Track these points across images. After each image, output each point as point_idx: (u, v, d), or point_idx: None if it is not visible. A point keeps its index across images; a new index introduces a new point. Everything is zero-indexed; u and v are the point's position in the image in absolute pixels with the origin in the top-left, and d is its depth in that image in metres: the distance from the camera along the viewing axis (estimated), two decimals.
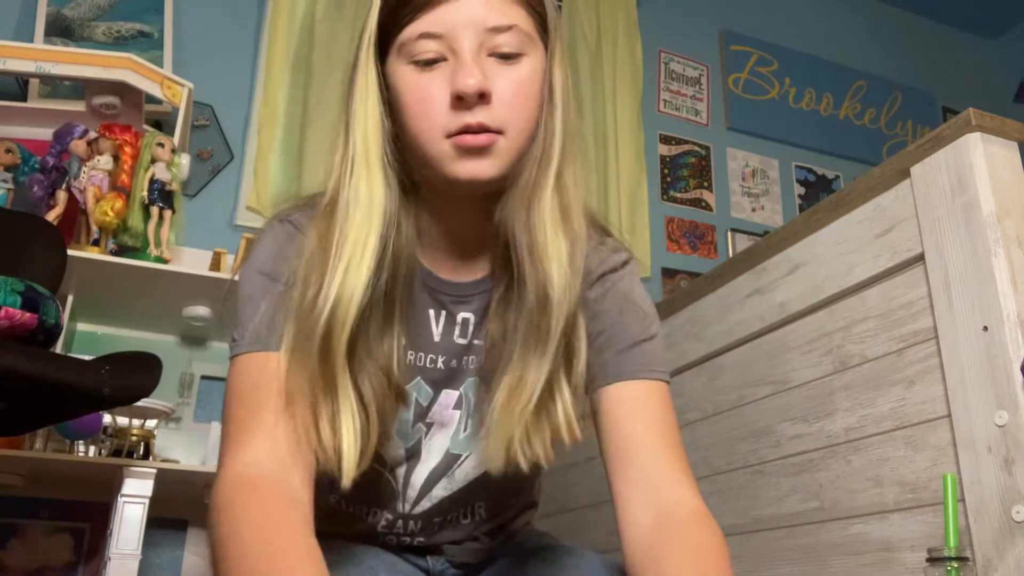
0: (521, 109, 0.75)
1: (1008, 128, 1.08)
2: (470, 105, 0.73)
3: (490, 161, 0.75)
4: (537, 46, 0.78)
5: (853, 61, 3.58)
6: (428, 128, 0.74)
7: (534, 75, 0.77)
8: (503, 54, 0.75)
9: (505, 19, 0.75)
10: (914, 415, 1.11)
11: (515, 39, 0.75)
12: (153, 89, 1.88)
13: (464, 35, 0.74)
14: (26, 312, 1.04)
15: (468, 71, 0.72)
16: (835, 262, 1.26)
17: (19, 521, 1.89)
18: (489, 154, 0.74)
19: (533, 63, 0.77)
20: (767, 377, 1.38)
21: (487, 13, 0.74)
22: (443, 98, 0.74)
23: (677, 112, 3.21)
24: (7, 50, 1.80)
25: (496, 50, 0.75)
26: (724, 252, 3.08)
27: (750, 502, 1.37)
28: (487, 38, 0.74)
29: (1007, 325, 0.98)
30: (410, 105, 0.75)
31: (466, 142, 0.73)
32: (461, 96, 0.72)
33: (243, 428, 0.73)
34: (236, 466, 0.70)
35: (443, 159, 0.75)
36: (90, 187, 1.74)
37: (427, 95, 0.74)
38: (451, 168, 0.75)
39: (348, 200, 0.76)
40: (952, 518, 0.90)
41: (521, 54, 0.76)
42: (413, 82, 0.75)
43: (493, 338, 0.81)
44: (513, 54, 0.75)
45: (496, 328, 0.81)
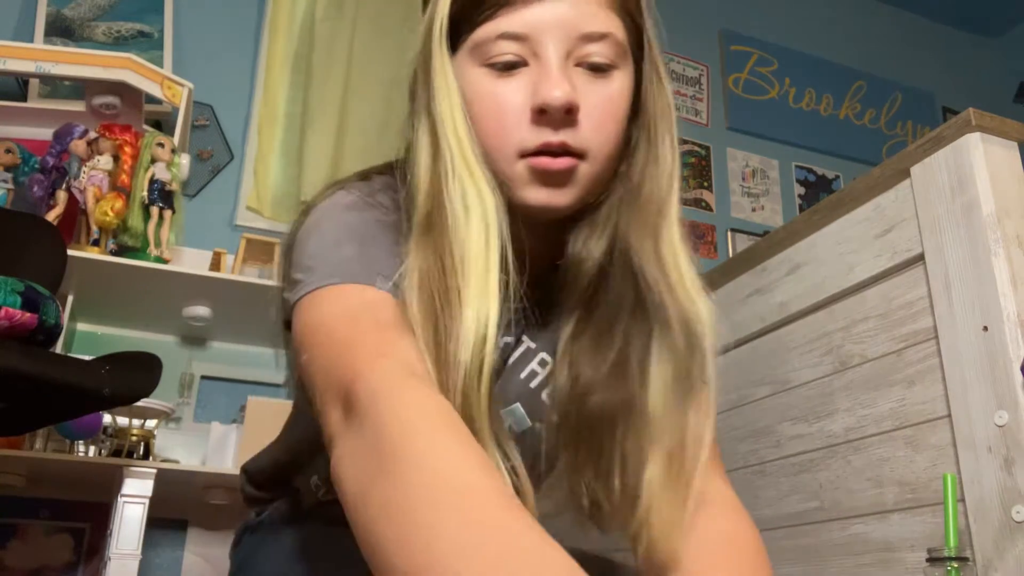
0: (607, 131, 0.67)
1: (1008, 128, 1.08)
2: (554, 121, 0.64)
3: (567, 190, 0.66)
4: (629, 61, 0.69)
5: (853, 61, 3.59)
6: (501, 145, 0.65)
7: (624, 93, 0.68)
8: (594, 64, 0.66)
9: (600, 26, 0.66)
10: (914, 415, 1.11)
11: (609, 50, 0.66)
12: (153, 89, 1.88)
13: (552, 39, 0.65)
14: (26, 312, 1.04)
15: (555, 81, 0.63)
16: (835, 262, 1.26)
17: (19, 521, 1.89)
18: (567, 182, 0.66)
19: (624, 79, 0.68)
20: (767, 377, 1.38)
21: (580, 17, 0.65)
22: (522, 110, 0.65)
23: (677, 112, 3.21)
24: (7, 50, 1.80)
25: (586, 60, 0.66)
26: (724, 252, 3.08)
27: (750, 502, 1.37)
28: (577, 46, 0.65)
29: (1007, 325, 0.98)
30: (482, 116, 0.66)
31: (543, 164, 0.65)
32: (544, 110, 0.64)
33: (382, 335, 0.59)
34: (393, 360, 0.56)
35: (516, 181, 0.66)
36: (90, 187, 1.74)
37: (503, 106, 0.65)
38: (521, 193, 0.66)
39: (456, 208, 0.63)
40: (952, 518, 0.90)
41: (613, 67, 0.67)
42: (487, 89, 0.66)
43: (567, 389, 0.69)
44: (605, 66, 0.66)
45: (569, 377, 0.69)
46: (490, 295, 0.61)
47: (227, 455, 1.83)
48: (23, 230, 1.23)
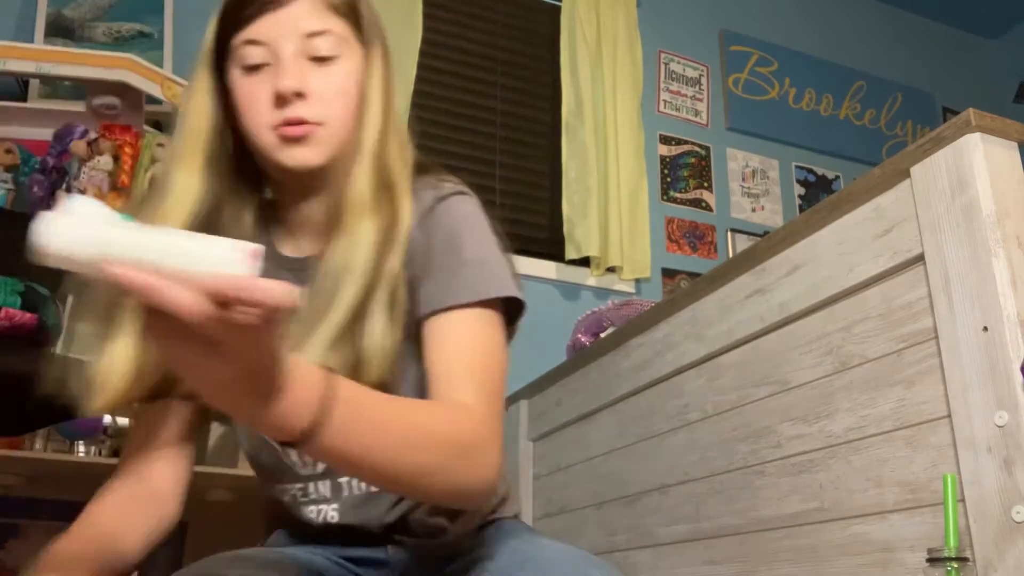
0: (338, 103, 0.86)
1: (1008, 128, 1.08)
2: (290, 102, 0.84)
3: (312, 149, 0.85)
4: (353, 48, 0.89)
5: (853, 61, 3.59)
6: (256, 123, 0.85)
7: (350, 74, 0.88)
8: (320, 57, 0.86)
9: (320, 25, 0.86)
10: (914, 415, 1.11)
11: (329, 43, 0.86)
12: (153, 89, 1.88)
13: (284, 41, 0.85)
14: (26, 312, 1.05)
15: (286, 73, 0.83)
16: (835, 262, 1.26)
17: (19, 521, 1.89)
18: (309, 142, 0.85)
19: (349, 64, 0.88)
20: (767, 377, 1.38)
21: (304, 21, 0.85)
22: (267, 97, 0.84)
23: (677, 112, 3.21)
24: (7, 50, 1.80)
25: (314, 53, 0.86)
26: (724, 252, 3.08)
27: (750, 502, 1.37)
28: (305, 43, 0.85)
29: (1007, 325, 0.98)
30: (240, 104, 0.86)
31: (286, 132, 0.84)
32: (281, 95, 0.83)
33: None
34: None
35: (270, 148, 0.85)
36: (90, 187, 1.74)
37: (254, 95, 0.85)
38: (278, 156, 0.86)
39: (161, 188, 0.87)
40: (952, 518, 0.90)
41: (337, 56, 0.87)
42: (242, 84, 0.86)
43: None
44: (329, 56, 0.86)
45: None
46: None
47: (227, 455, 1.83)
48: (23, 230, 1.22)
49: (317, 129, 0.85)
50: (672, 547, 1.54)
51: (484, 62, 3.01)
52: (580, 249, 2.76)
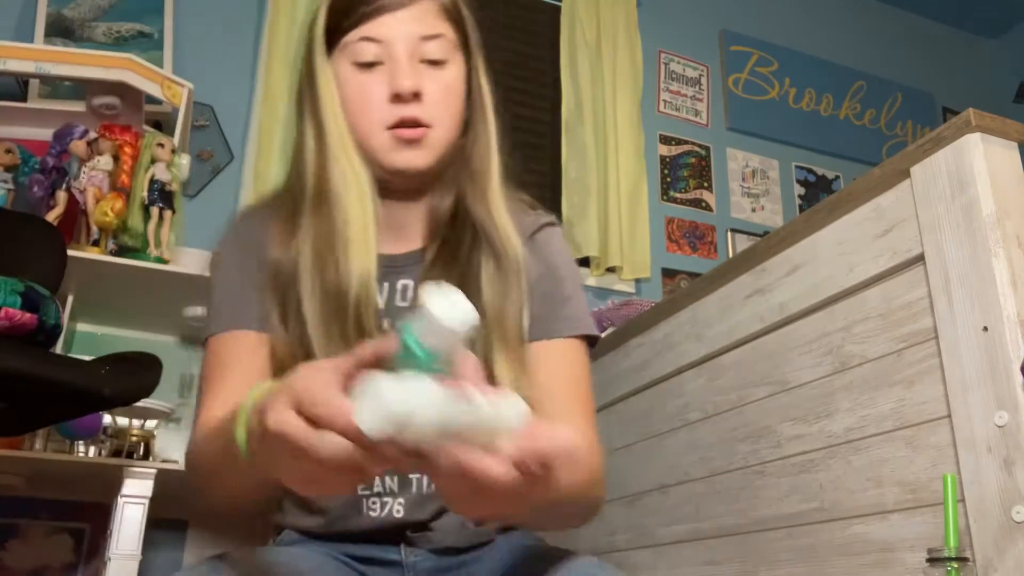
0: (448, 107, 0.89)
1: (1008, 128, 1.08)
2: (406, 102, 0.85)
3: (424, 151, 0.87)
4: (459, 56, 0.91)
5: (853, 61, 3.58)
6: (369, 122, 0.87)
7: (458, 79, 0.90)
8: (432, 60, 0.88)
9: (434, 29, 0.88)
10: (914, 415, 1.11)
11: (442, 47, 0.88)
12: (153, 89, 1.88)
13: (400, 42, 0.86)
14: (26, 312, 1.05)
15: (404, 73, 0.85)
16: (835, 262, 1.26)
17: (19, 521, 1.89)
18: (422, 145, 0.87)
19: (456, 70, 0.90)
20: (767, 377, 1.38)
21: (419, 25, 0.87)
22: (382, 96, 0.86)
23: (677, 112, 3.21)
24: (7, 50, 1.80)
25: (426, 57, 0.87)
26: (724, 252, 3.08)
27: (750, 502, 1.37)
28: (418, 46, 0.87)
29: (1007, 325, 0.98)
30: (352, 101, 0.87)
31: (402, 134, 0.86)
32: (399, 95, 0.85)
33: (207, 392, 0.85)
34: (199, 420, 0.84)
35: (381, 150, 0.87)
36: (90, 187, 1.74)
37: (368, 92, 0.86)
38: (389, 158, 0.87)
39: (339, 184, 0.86)
40: (952, 518, 0.90)
41: (447, 60, 0.89)
42: (355, 81, 0.87)
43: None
44: (440, 60, 0.88)
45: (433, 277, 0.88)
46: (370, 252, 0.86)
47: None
48: (23, 230, 1.23)
49: (429, 132, 0.87)
50: (672, 547, 1.54)
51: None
52: (580, 249, 2.76)
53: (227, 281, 0.91)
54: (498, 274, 0.89)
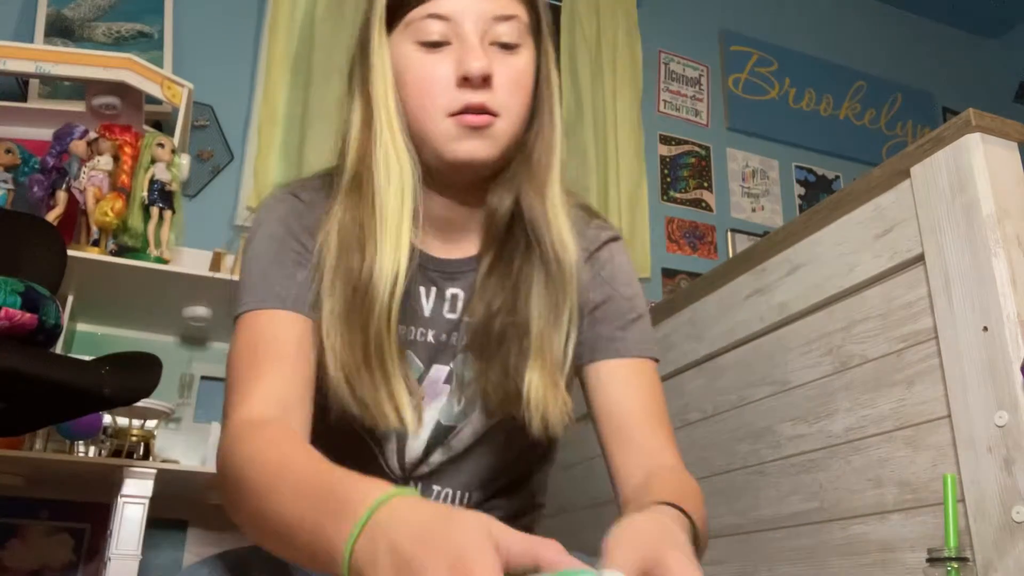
0: (518, 96, 0.81)
1: (1008, 128, 1.08)
2: (474, 87, 0.77)
3: (488, 142, 0.79)
4: (531, 41, 0.83)
5: (853, 61, 3.58)
6: (431, 106, 0.78)
7: (529, 66, 0.82)
8: (504, 43, 0.80)
9: (508, 9, 0.80)
10: (914, 415, 1.11)
11: (515, 30, 0.80)
12: (153, 89, 1.88)
13: (470, 21, 0.78)
14: (26, 312, 1.04)
15: (475, 54, 0.77)
16: (835, 262, 1.26)
17: (19, 521, 1.89)
18: (487, 135, 0.79)
19: (528, 56, 0.82)
20: (767, 377, 1.38)
21: (493, 3, 0.79)
22: (448, 79, 0.78)
23: (677, 112, 3.21)
24: (7, 50, 1.80)
25: (497, 39, 0.80)
26: (724, 252, 3.08)
27: (750, 502, 1.37)
28: (490, 26, 0.79)
29: (1007, 325, 0.98)
30: (413, 83, 0.79)
31: (468, 121, 0.78)
32: (467, 78, 0.77)
33: (248, 378, 0.75)
34: (241, 413, 0.73)
35: (443, 138, 0.79)
36: (90, 187, 1.74)
37: (432, 75, 0.78)
38: (451, 147, 0.79)
39: (379, 172, 0.79)
40: (952, 518, 0.90)
41: (519, 45, 0.81)
42: (418, 61, 0.79)
43: (481, 315, 0.84)
44: (513, 44, 0.80)
45: (482, 306, 0.84)
46: (402, 248, 0.78)
47: None
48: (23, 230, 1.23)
49: (495, 121, 0.79)
50: None
51: None
52: None
53: (268, 254, 0.82)
54: (548, 290, 0.83)
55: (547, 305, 0.83)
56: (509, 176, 0.85)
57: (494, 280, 0.85)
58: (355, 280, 0.78)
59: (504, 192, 0.85)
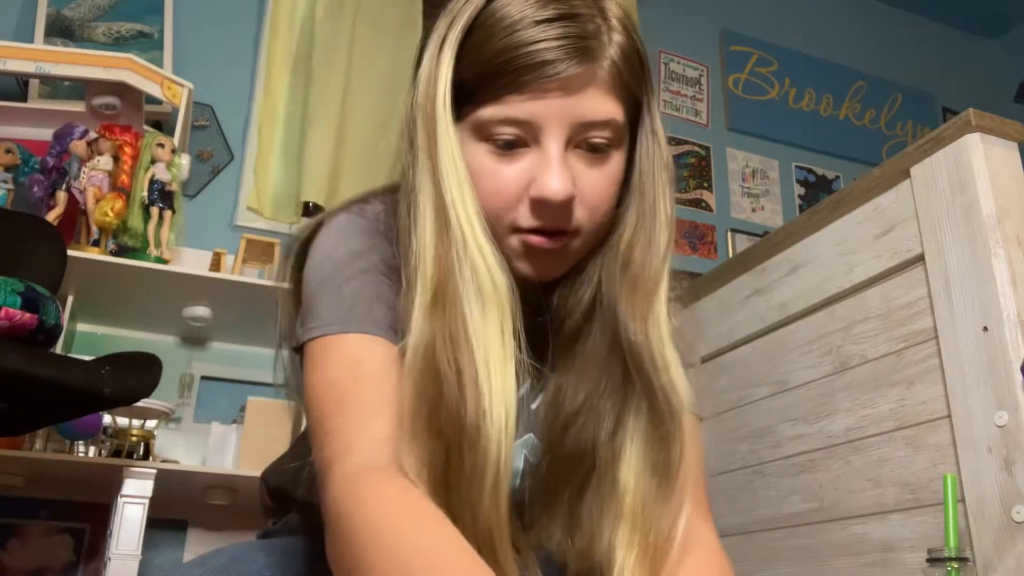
0: (601, 211, 0.68)
1: (1008, 128, 1.08)
2: (552, 210, 0.65)
3: (559, 262, 0.69)
4: (627, 134, 0.69)
5: (853, 61, 3.58)
6: (497, 220, 0.66)
7: (619, 169, 0.68)
8: (593, 146, 0.66)
9: (603, 114, 0.65)
10: (914, 415, 1.11)
11: (609, 135, 0.66)
12: (153, 89, 1.88)
13: (555, 128, 0.64)
14: (26, 312, 1.04)
15: (556, 175, 0.63)
16: (835, 262, 1.26)
17: (19, 521, 1.89)
18: (560, 257, 0.68)
19: (620, 156, 0.68)
20: (767, 377, 1.38)
21: (584, 106, 0.64)
22: (521, 191, 0.65)
23: (677, 112, 3.21)
24: (7, 50, 1.80)
25: (585, 144, 0.66)
26: (724, 252, 3.08)
27: (750, 502, 1.37)
28: (579, 132, 0.65)
29: (1007, 325, 0.98)
30: (480, 186, 0.66)
31: (539, 243, 0.66)
32: (546, 201, 0.64)
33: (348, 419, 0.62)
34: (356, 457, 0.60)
35: (509, 253, 0.67)
36: (90, 187, 1.74)
37: (503, 185, 0.65)
38: (515, 264, 0.67)
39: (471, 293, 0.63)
40: (952, 518, 0.90)
41: (612, 147, 0.67)
42: (487, 166, 0.66)
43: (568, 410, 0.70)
44: (604, 147, 0.66)
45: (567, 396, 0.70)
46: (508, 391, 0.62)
47: (227, 455, 1.83)
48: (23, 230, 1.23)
49: (572, 240, 0.67)
50: None
51: None
52: None
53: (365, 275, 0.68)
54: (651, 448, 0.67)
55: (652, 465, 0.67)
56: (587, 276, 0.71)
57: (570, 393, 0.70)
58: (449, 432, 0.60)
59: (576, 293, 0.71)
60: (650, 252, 0.69)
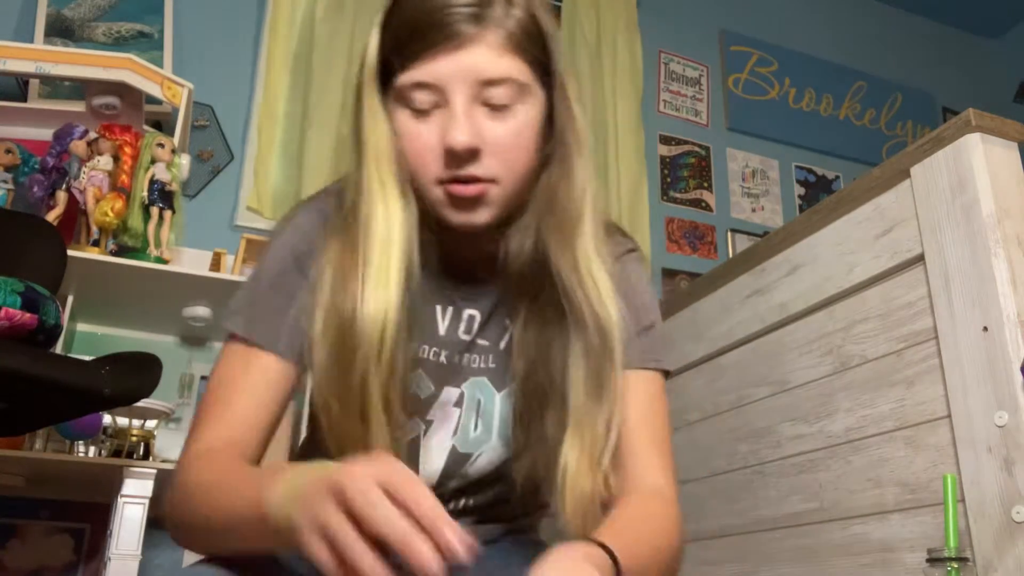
0: (514, 158, 0.76)
1: (1008, 128, 1.08)
2: (460, 159, 0.74)
3: (483, 209, 0.76)
4: (535, 92, 0.77)
5: (853, 61, 3.59)
6: (423, 174, 0.76)
7: (528, 123, 0.77)
8: (495, 105, 0.75)
9: (499, 72, 0.74)
10: (914, 415, 1.11)
11: (509, 91, 0.75)
12: (153, 89, 1.88)
13: (457, 87, 0.73)
14: (26, 312, 1.04)
15: (458, 127, 0.73)
16: (835, 262, 1.26)
17: (19, 521, 1.89)
18: (481, 204, 0.76)
19: (528, 111, 0.77)
20: (767, 377, 1.38)
21: (481, 65, 0.73)
22: (437, 147, 0.74)
23: (677, 112, 3.21)
24: (7, 50, 1.80)
25: (489, 101, 0.74)
26: (724, 252, 3.08)
27: (750, 502, 1.37)
28: (480, 90, 0.74)
29: (1007, 325, 0.98)
30: (406, 149, 0.76)
31: (456, 191, 0.75)
32: (453, 151, 0.73)
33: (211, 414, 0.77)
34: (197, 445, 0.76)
35: (438, 204, 0.77)
36: (90, 187, 1.74)
37: (421, 144, 0.75)
38: (445, 213, 0.77)
39: (368, 217, 0.77)
40: (952, 518, 0.90)
41: (515, 104, 0.75)
42: (409, 128, 0.76)
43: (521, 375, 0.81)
44: (505, 106, 0.75)
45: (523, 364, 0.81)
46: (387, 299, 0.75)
47: None
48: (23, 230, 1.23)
49: (490, 188, 0.75)
50: None
51: None
52: None
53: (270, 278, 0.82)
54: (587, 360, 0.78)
55: (587, 376, 0.78)
56: (526, 224, 0.81)
57: (531, 337, 0.81)
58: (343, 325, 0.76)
59: (522, 238, 0.81)
60: (570, 190, 0.79)
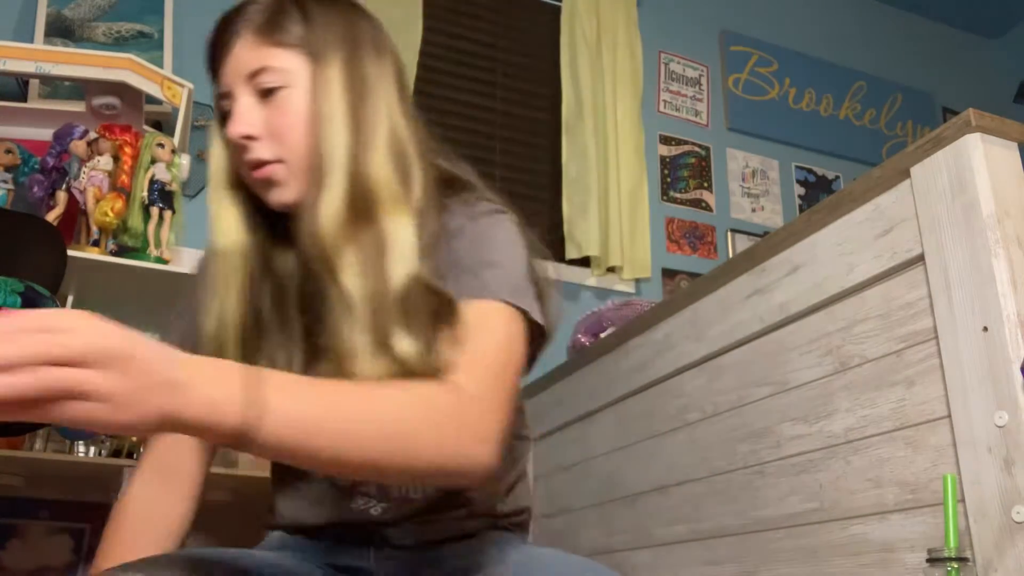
0: (292, 136, 0.83)
1: (1008, 128, 1.08)
2: (243, 147, 0.84)
3: (282, 188, 0.85)
4: (302, 72, 0.84)
5: (853, 61, 3.59)
6: (241, 171, 0.87)
7: (295, 102, 0.84)
8: (264, 92, 0.84)
9: (256, 63, 0.84)
10: (914, 416, 1.11)
11: (271, 77, 0.84)
12: (153, 89, 1.88)
13: (235, 86, 0.85)
14: None
15: (232, 120, 0.84)
16: (835, 262, 1.26)
17: (19, 521, 1.89)
18: (276, 183, 0.84)
19: (299, 91, 0.84)
20: (767, 377, 1.38)
21: (243, 60, 0.84)
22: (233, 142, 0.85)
23: (677, 112, 3.21)
24: (7, 50, 1.80)
25: (261, 87, 0.84)
26: (724, 252, 3.08)
27: (750, 503, 1.37)
28: (250, 83, 0.84)
29: (1007, 325, 0.98)
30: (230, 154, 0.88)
31: (254, 175, 0.85)
32: (234, 143, 0.84)
33: None
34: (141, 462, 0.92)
35: (257, 192, 0.87)
36: (90, 187, 1.74)
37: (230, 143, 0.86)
38: (262, 196, 0.86)
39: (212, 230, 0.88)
40: (952, 519, 0.90)
41: (280, 87, 0.84)
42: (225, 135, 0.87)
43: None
44: (273, 88, 0.84)
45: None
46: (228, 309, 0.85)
47: (226, 455, 1.83)
48: (23, 230, 1.23)
49: (277, 168, 0.84)
50: (672, 547, 1.54)
51: (484, 62, 3.01)
52: (580, 249, 2.76)
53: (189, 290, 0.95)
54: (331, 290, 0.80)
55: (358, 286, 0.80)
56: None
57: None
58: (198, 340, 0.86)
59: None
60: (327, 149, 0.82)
